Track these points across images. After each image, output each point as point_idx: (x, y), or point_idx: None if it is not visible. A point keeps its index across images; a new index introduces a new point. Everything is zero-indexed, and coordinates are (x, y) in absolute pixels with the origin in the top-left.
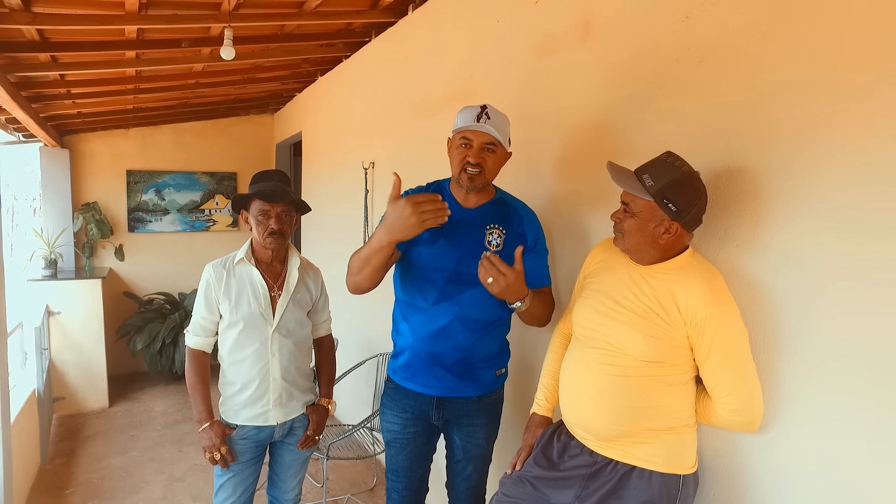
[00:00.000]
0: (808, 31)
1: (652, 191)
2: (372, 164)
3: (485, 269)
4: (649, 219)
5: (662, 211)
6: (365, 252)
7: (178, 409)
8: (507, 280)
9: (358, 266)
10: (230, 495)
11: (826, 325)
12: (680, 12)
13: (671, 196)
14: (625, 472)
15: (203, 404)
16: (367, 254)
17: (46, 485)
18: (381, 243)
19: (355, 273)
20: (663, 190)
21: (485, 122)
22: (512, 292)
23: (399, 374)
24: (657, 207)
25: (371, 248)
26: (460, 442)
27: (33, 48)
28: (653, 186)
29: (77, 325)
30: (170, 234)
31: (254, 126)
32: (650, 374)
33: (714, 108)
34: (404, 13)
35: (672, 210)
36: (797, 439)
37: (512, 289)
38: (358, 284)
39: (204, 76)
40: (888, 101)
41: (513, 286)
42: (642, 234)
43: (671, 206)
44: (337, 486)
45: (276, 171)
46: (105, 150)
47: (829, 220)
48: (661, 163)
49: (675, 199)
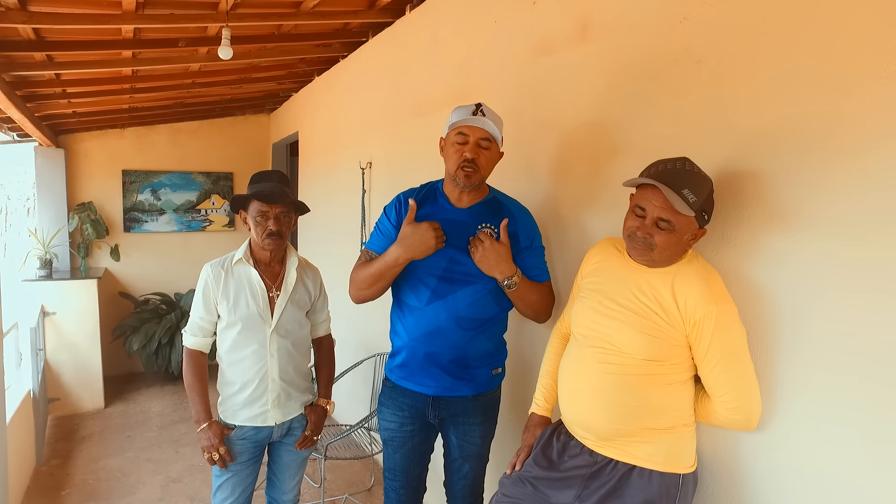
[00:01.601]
0: (806, 30)
1: (695, 206)
2: (369, 164)
3: (474, 248)
4: (685, 231)
5: (696, 221)
6: (377, 269)
7: (175, 409)
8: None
9: (369, 282)
10: (229, 496)
11: (823, 325)
12: (678, 13)
13: (707, 207)
14: (625, 471)
15: (201, 404)
16: (380, 270)
17: (42, 486)
18: (399, 261)
19: (365, 288)
20: (703, 203)
21: (481, 117)
22: (498, 266)
23: (396, 374)
24: (694, 220)
25: (386, 265)
26: (457, 441)
27: (29, 47)
28: (696, 202)
29: (72, 326)
30: (166, 234)
31: (250, 126)
32: (649, 372)
33: (712, 109)
34: (402, 13)
35: (705, 220)
36: (795, 438)
37: (499, 261)
38: (366, 297)
39: (200, 76)
40: (885, 99)
41: (501, 259)
42: (677, 247)
43: (706, 216)
44: (335, 487)
45: (276, 171)
46: (100, 149)
47: (827, 220)
48: (695, 175)
49: (709, 209)
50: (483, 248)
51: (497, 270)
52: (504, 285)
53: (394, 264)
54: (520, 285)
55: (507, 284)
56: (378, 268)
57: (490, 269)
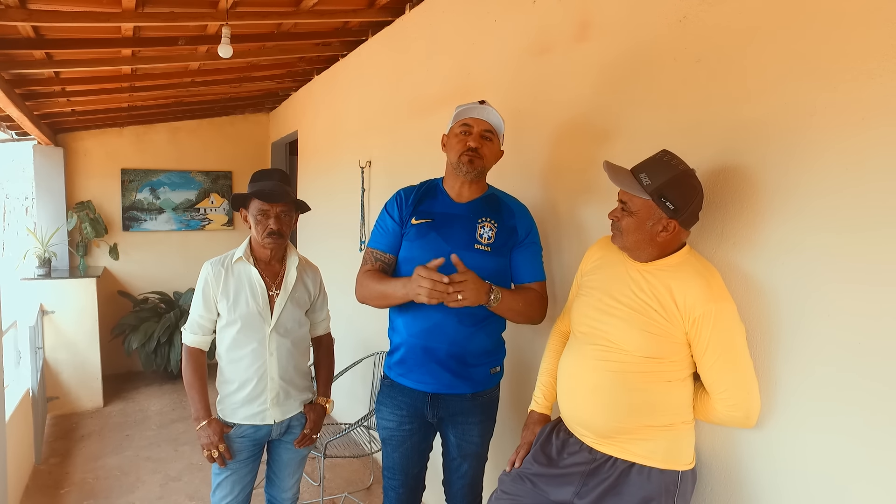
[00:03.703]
0: (804, 29)
1: (649, 189)
2: (368, 163)
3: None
4: (647, 217)
5: (660, 209)
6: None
7: (174, 408)
8: (469, 280)
9: (375, 297)
10: (228, 493)
11: (822, 322)
12: (677, 12)
13: (668, 194)
14: (624, 468)
15: (201, 402)
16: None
17: (41, 484)
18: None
19: (371, 299)
20: (660, 188)
21: (486, 108)
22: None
23: (394, 371)
24: (655, 206)
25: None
26: (455, 440)
27: (28, 45)
28: (650, 185)
29: (71, 325)
30: (165, 232)
31: (249, 125)
32: (648, 370)
33: (711, 107)
34: (401, 12)
35: (669, 208)
36: (794, 435)
37: (476, 285)
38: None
39: (199, 74)
40: (881, 97)
41: (475, 282)
42: (640, 233)
43: (668, 204)
44: (334, 485)
45: (277, 170)
46: (99, 148)
47: (824, 217)
48: (658, 161)
49: (673, 197)
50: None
51: (482, 293)
52: (490, 305)
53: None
54: (503, 297)
55: (492, 300)
56: (387, 291)
57: (476, 299)
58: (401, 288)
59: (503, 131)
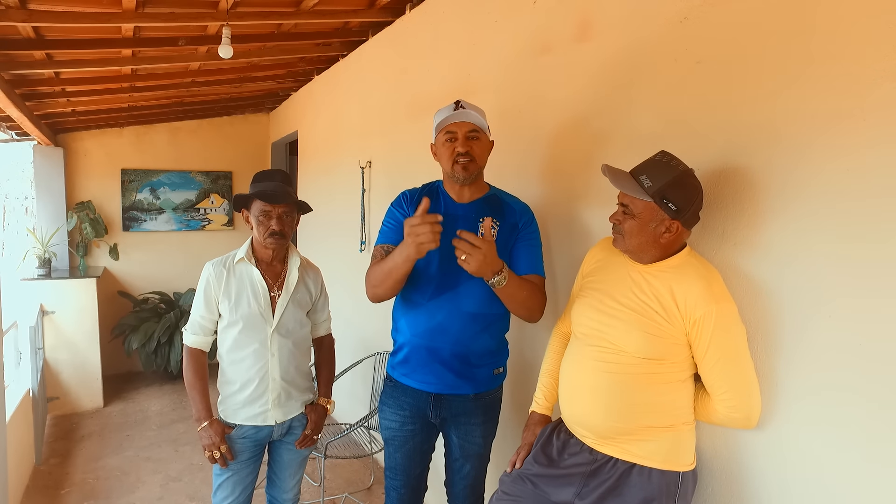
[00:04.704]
0: (805, 30)
1: (651, 191)
2: (369, 164)
3: (459, 250)
4: (650, 219)
5: (662, 210)
6: (388, 266)
7: (174, 408)
8: (482, 251)
9: (380, 278)
10: (229, 494)
11: (823, 323)
12: (678, 13)
13: (670, 195)
14: (625, 469)
15: (202, 402)
16: (388, 267)
17: (41, 485)
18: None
19: (377, 285)
20: (662, 190)
21: (463, 111)
22: (487, 264)
23: (398, 371)
24: (657, 208)
25: (394, 262)
26: (457, 440)
27: (28, 45)
28: (651, 187)
29: (71, 325)
30: (165, 233)
31: (249, 125)
32: (648, 371)
33: (712, 108)
34: (402, 12)
35: (672, 209)
36: (795, 436)
37: (487, 260)
38: (380, 296)
39: (199, 75)
40: (885, 99)
41: (487, 257)
42: (643, 235)
43: (671, 205)
44: (334, 486)
45: (279, 171)
46: (99, 148)
47: (826, 219)
48: (657, 162)
49: (675, 197)
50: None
51: (488, 269)
52: (492, 283)
53: (403, 261)
54: (509, 282)
55: (496, 282)
56: (389, 264)
57: (479, 270)
58: (401, 252)
59: (486, 124)
